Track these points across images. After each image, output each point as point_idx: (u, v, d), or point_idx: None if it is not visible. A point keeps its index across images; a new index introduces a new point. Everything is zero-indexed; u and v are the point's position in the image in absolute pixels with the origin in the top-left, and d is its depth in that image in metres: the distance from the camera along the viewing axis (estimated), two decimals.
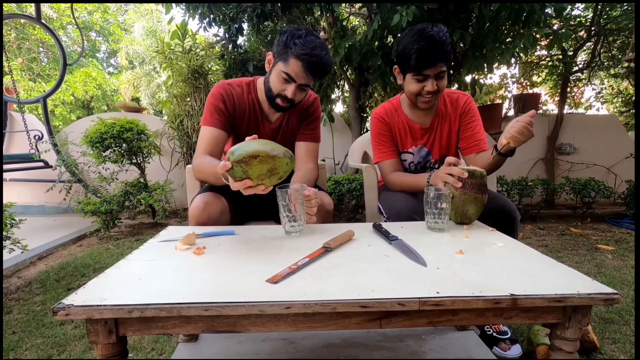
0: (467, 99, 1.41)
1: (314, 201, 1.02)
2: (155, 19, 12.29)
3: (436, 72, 1.24)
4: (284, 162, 0.87)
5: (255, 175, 0.85)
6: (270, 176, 0.87)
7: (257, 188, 0.87)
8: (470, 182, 1.02)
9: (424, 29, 1.22)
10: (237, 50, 3.39)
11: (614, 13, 3.67)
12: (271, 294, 0.62)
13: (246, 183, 0.85)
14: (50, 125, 3.64)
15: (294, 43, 1.12)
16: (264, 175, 0.86)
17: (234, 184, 0.86)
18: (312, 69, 1.14)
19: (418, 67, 1.23)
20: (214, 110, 1.24)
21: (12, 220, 1.85)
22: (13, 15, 4.12)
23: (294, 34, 1.14)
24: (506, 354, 1.22)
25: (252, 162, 0.83)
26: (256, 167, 0.84)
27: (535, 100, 3.99)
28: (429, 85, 1.26)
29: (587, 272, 1.98)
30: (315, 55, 1.12)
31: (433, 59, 1.21)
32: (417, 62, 1.22)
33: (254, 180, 0.86)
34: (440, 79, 1.26)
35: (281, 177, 0.89)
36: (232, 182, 0.86)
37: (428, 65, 1.22)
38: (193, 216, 1.14)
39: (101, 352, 0.64)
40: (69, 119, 9.99)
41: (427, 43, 1.19)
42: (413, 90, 1.30)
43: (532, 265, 0.75)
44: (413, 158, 1.46)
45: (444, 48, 1.20)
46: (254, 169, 0.84)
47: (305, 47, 1.11)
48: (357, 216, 3.11)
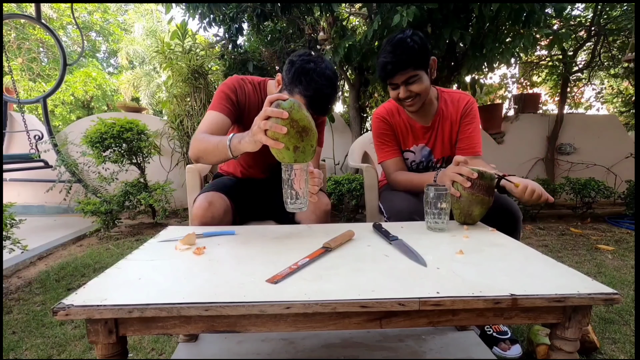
0: (468, 99, 1.40)
1: (318, 180, 1.01)
2: (155, 19, 12.30)
3: (403, 79, 1.25)
4: (313, 141, 0.89)
5: (295, 117, 0.85)
6: (297, 133, 0.86)
7: (281, 127, 0.84)
8: (479, 183, 1.01)
9: (393, 38, 1.25)
10: (237, 50, 3.39)
11: (614, 13, 3.67)
12: (271, 294, 0.62)
13: (283, 113, 0.83)
14: (50, 125, 3.64)
15: (299, 81, 1.09)
16: (297, 126, 0.85)
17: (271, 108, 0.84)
18: (315, 107, 1.12)
19: (382, 78, 1.30)
20: (225, 98, 1.23)
21: (12, 220, 1.85)
22: (13, 15, 4.12)
23: (304, 69, 1.10)
24: (506, 354, 1.22)
25: (303, 110, 0.86)
26: (302, 114, 0.86)
27: (535, 100, 4.00)
28: (401, 92, 1.28)
29: (587, 272, 1.98)
30: (319, 97, 1.10)
31: (393, 68, 1.23)
32: (380, 74, 1.29)
33: (287, 120, 0.84)
34: (411, 84, 1.26)
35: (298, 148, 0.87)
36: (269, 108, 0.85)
37: (389, 76, 1.26)
38: (197, 215, 1.14)
39: (101, 352, 0.64)
40: (69, 119, 10.00)
41: (390, 53, 1.22)
42: (393, 98, 1.34)
43: (532, 265, 0.75)
44: (415, 157, 1.46)
45: (406, 56, 1.21)
46: (299, 113, 0.85)
47: (310, 88, 1.09)
48: (357, 216, 3.11)
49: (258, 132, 0.86)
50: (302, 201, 0.96)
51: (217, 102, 1.23)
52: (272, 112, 0.84)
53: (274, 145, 0.85)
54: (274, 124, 0.83)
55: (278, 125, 0.83)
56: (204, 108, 3.34)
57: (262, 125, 0.84)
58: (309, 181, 0.98)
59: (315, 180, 1.00)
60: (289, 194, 0.94)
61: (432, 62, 1.29)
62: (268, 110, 0.84)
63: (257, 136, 0.86)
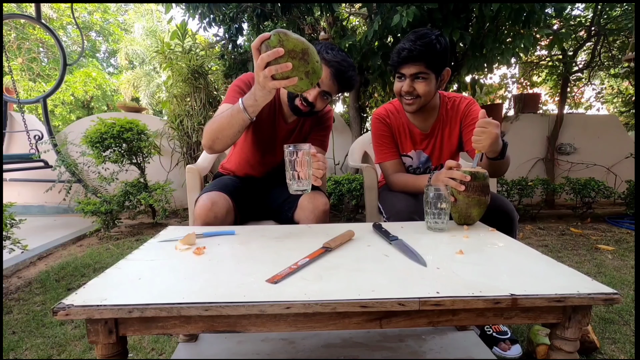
0: (467, 102, 1.38)
1: (321, 163, 1.00)
2: (155, 19, 12.31)
3: (413, 72, 1.23)
4: (315, 56, 0.87)
5: (289, 47, 0.82)
6: (301, 60, 0.84)
7: (285, 65, 0.83)
8: (474, 185, 1.01)
9: (418, 30, 1.22)
10: (237, 50, 3.39)
11: (614, 13, 3.67)
12: (271, 294, 0.62)
13: (279, 51, 0.81)
14: (50, 125, 3.64)
15: (326, 52, 1.17)
16: (297, 54, 0.83)
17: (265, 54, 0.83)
18: (339, 77, 1.17)
19: (395, 62, 1.25)
20: (239, 91, 1.24)
21: (12, 220, 1.85)
22: (13, 15, 4.12)
23: (328, 45, 1.20)
24: (506, 354, 1.22)
25: (290, 35, 0.83)
26: (293, 40, 0.83)
27: (535, 100, 3.99)
28: (405, 85, 1.26)
29: (587, 272, 1.98)
30: (343, 66, 1.17)
31: (410, 57, 1.20)
32: (393, 59, 1.25)
33: (285, 56, 0.82)
34: (418, 80, 1.25)
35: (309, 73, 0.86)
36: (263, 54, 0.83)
37: (403, 62, 1.22)
38: (199, 215, 1.13)
39: (101, 352, 0.64)
40: (69, 119, 10.00)
41: (410, 41, 1.20)
42: (395, 90, 1.32)
43: (532, 265, 0.75)
44: (412, 162, 1.46)
45: (425, 49, 1.19)
46: (290, 41, 0.83)
47: (337, 57, 1.17)
48: (357, 216, 3.11)
49: (266, 81, 0.86)
50: (305, 183, 0.96)
51: (231, 95, 1.24)
52: (268, 56, 0.83)
53: (288, 83, 0.86)
54: (277, 66, 0.83)
55: (282, 65, 0.83)
56: (204, 108, 3.34)
57: (267, 73, 0.84)
58: (312, 164, 0.98)
59: (319, 164, 1.00)
60: (292, 175, 0.95)
61: (445, 71, 1.28)
62: (264, 56, 0.84)
63: (267, 85, 0.87)
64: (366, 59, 2.74)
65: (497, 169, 1.21)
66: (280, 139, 1.34)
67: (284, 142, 1.36)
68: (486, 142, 1.06)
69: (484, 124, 1.06)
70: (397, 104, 1.44)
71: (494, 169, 1.21)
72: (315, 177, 0.99)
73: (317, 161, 0.99)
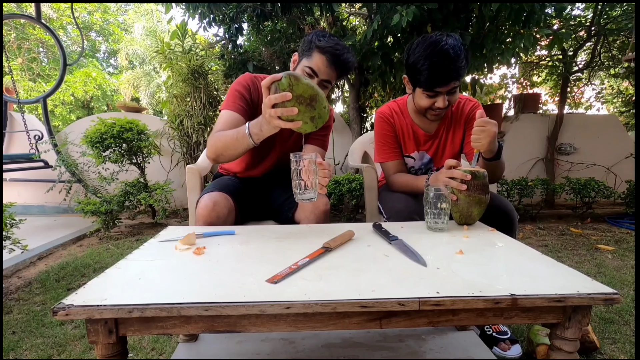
0: (473, 105, 1.37)
1: (327, 172, 1.00)
2: (155, 19, 12.31)
3: (449, 89, 1.19)
4: (324, 102, 0.89)
5: (298, 92, 0.85)
6: (308, 106, 0.87)
7: (291, 109, 0.85)
8: (474, 184, 1.01)
9: (438, 42, 1.14)
10: (237, 50, 3.39)
11: (614, 13, 3.66)
12: (271, 294, 0.62)
13: (286, 95, 0.84)
14: (50, 125, 3.64)
15: (318, 40, 1.17)
16: (304, 100, 0.86)
17: (273, 96, 0.85)
18: (335, 61, 1.17)
19: (429, 85, 1.19)
20: (238, 96, 1.24)
21: (12, 220, 1.85)
22: (13, 15, 4.12)
23: (319, 33, 1.20)
24: (506, 354, 1.22)
25: (302, 80, 0.85)
26: (303, 86, 0.85)
27: (535, 100, 3.99)
28: (440, 101, 1.21)
29: (587, 272, 1.98)
30: (338, 49, 1.16)
31: (445, 77, 1.16)
32: (429, 81, 1.18)
33: (293, 100, 0.85)
34: (452, 94, 1.22)
35: (314, 118, 0.88)
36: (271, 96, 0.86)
37: (440, 84, 1.17)
38: (202, 215, 1.13)
39: (101, 352, 0.64)
40: (69, 119, 10.00)
41: (440, 60, 1.13)
42: (423, 105, 1.26)
43: (532, 265, 0.75)
44: (414, 163, 1.45)
45: (457, 65, 1.14)
46: (300, 86, 0.85)
47: (330, 42, 1.16)
48: (357, 216, 3.11)
49: (272, 119, 0.87)
50: (312, 192, 0.96)
51: (230, 100, 1.23)
52: (275, 98, 0.85)
53: (293, 126, 0.88)
54: (283, 110, 0.85)
55: (288, 109, 0.85)
56: (204, 108, 3.34)
57: (273, 114, 0.86)
58: (319, 172, 0.98)
59: (325, 172, 1.00)
60: (298, 184, 0.95)
61: None
62: (272, 98, 0.86)
63: (273, 123, 0.89)
64: (366, 59, 2.74)
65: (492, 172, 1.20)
66: (280, 139, 1.33)
67: (283, 143, 1.36)
68: (485, 140, 1.06)
69: (483, 123, 1.06)
70: (401, 104, 1.43)
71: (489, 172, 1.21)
72: (321, 185, 0.99)
73: (323, 169, 0.99)
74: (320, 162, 0.99)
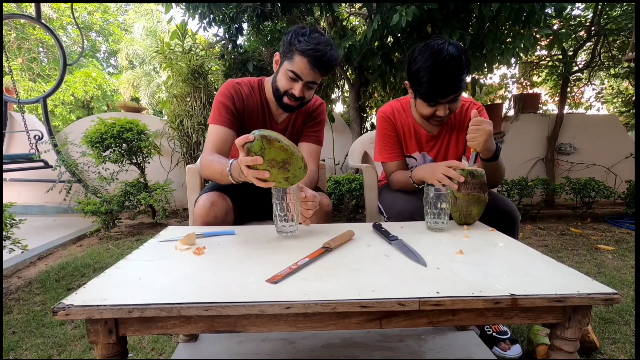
0: (477, 107, 1.35)
1: (311, 204, 0.99)
2: (155, 19, 12.30)
3: (451, 98, 1.18)
4: (299, 163, 0.88)
5: (270, 156, 0.84)
6: (281, 169, 0.86)
7: (263, 173, 0.84)
8: (472, 182, 1.01)
9: (440, 52, 1.11)
10: (237, 50, 3.39)
11: (614, 13, 3.66)
12: (271, 294, 0.62)
13: (257, 160, 0.83)
14: (50, 125, 3.64)
15: (298, 40, 1.12)
16: (277, 164, 0.85)
17: (245, 158, 0.84)
18: (317, 64, 1.13)
19: (429, 97, 1.18)
20: (223, 108, 1.24)
21: (12, 220, 1.85)
22: (13, 15, 4.12)
23: (298, 32, 1.15)
24: (506, 354, 1.22)
25: (274, 143, 0.84)
26: (275, 150, 0.84)
27: (535, 100, 3.99)
28: (441, 110, 1.20)
29: (587, 272, 1.98)
30: (319, 50, 1.12)
31: (445, 90, 1.14)
32: (429, 93, 1.17)
33: (265, 163, 0.84)
34: (454, 102, 1.20)
35: (289, 178, 0.88)
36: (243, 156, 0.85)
37: (440, 96, 1.16)
38: (199, 215, 1.14)
39: (101, 352, 0.64)
40: (69, 119, 10.00)
41: (441, 72, 1.12)
42: (425, 114, 1.25)
43: (532, 265, 0.75)
44: (416, 163, 1.44)
45: (458, 77, 1.13)
46: (272, 150, 0.84)
47: (309, 43, 1.11)
48: (357, 216, 3.11)
49: (248, 176, 0.87)
50: (293, 224, 0.96)
51: (216, 114, 1.24)
52: (247, 162, 0.84)
53: (265, 186, 0.87)
54: (255, 172, 0.85)
55: (260, 172, 0.84)
56: (204, 108, 3.34)
57: (246, 173, 0.86)
58: (301, 205, 0.98)
59: (308, 204, 0.98)
60: (278, 217, 0.95)
61: None
62: (243, 160, 0.84)
63: (249, 179, 0.88)
64: (366, 59, 2.74)
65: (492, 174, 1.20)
66: None
67: None
68: (481, 139, 1.06)
69: (477, 122, 1.06)
70: (405, 103, 1.42)
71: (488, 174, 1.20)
72: (304, 217, 0.99)
73: (307, 202, 0.99)
74: (303, 197, 0.98)
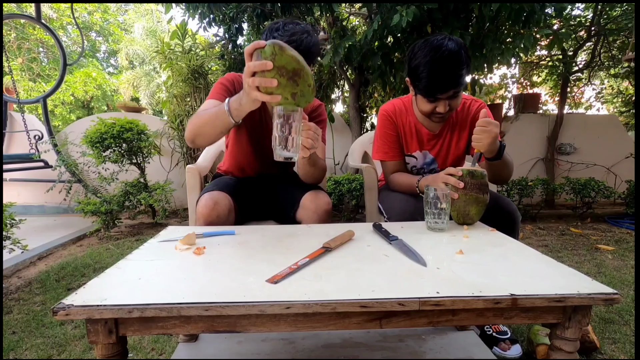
0: (479, 105, 1.36)
1: (312, 132, 0.94)
2: (155, 19, 12.30)
3: (450, 94, 1.18)
4: (309, 80, 0.82)
5: (280, 63, 0.78)
6: (290, 80, 0.79)
7: (270, 81, 0.78)
8: (472, 182, 1.01)
9: (438, 48, 1.11)
10: (237, 50, 3.39)
11: (614, 13, 3.67)
12: (271, 294, 0.62)
13: (267, 64, 0.77)
14: (50, 125, 3.64)
15: (272, 37, 1.11)
16: (287, 73, 0.79)
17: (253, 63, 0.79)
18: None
19: (428, 92, 1.18)
20: (223, 89, 1.22)
21: (12, 220, 1.85)
22: (13, 15, 4.12)
23: (272, 27, 1.14)
24: (506, 354, 1.22)
25: (287, 51, 0.79)
26: (287, 57, 0.79)
27: (535, 100, 3.99)
28: (441, 107, 1.20)
29: (587, 272, 1.98)
30: (294, 41, 1.09)
31: (444, 85, 1.14)
32: (428, 88, 1.17)
33: (274, 70, 0.77)
34: (454, 98, 1.20)
35: (296, 95, 0.81)
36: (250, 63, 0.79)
37: (439, 92, 1.16)
38: (202, 214, 1.13)
39: (101, 352, 0.64)
40: (69, 119, 10.00)
41: (440, 68, 1.12)
42: (425, 110, 1.25)
43: (532, 265, 0.75)
44: (417, 162, 1.44)
45: (457, 73, 1.12)
46: (283, 57, 0.78)
47: (284, 37, 1.10)
48: (357, 216, 3.11)
49: (250, 91, 0.82)
50: (292, 150, 0.87)
51: (215, 91, 1.23)
52: (254, 66, 0.78)
53: (270, 100, 0.81)
54: (262, 80, 0.78)
55: (267, 80, 0.78)
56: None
57: (251, 83, 0.80)
58: (303, 132, 0.92)
59: (309, 133, 0.94)
60: (279, 139, 0.86)
61: None
62: (250, 65, 0.79)
63: (251, 95, 0.83)
64: (366, 59, 2.74)
65: (497, 172, 1.20)
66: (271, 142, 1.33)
67: None
68: (486, 141, 1.06)
69: (485, 123, 1.05)
70: (407, 101, 1.41)
71: (494, 172, 1.20)
72: (303, 146, 0.94)
73: (308, 129, 0.93)
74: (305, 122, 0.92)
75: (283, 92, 0.80)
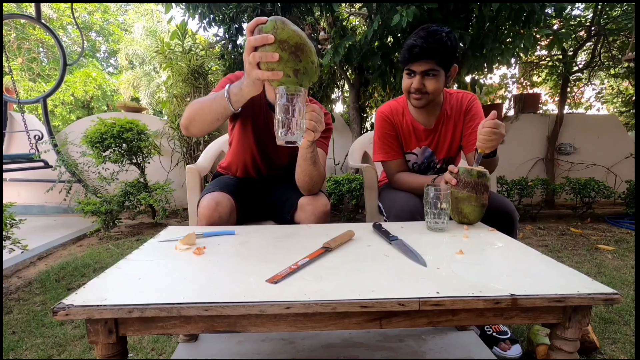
0: (470, 97, 1.40)
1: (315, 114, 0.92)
2: (155, 19, 12.31)
3: (424, 69, 1.23)
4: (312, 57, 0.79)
5: (282, 36, 0.75)
6: (292, 54, 0.76)
7: (272, 55, 0.75)
8: (465, 180, 1.02)
9: (428, 27, 1.22)
10: (237, 50, 3.39)
11: (614, 13, 3.67)
12: (271, 294, 0.62)
13: (268, 38, 0.74)
14: (50, 125, 3.64)
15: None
16: (289, 47, 0.75)
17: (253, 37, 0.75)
18: None
19: (405, 60, 1.25)
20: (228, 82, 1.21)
21: (12, 220, 1.85)
22: (13, 15, 4.12)
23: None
24: (506, 354, 1.22)
25: (289, 26, 0.76)
26: (289, 31, 0.76)
27: (535, 100, 3.99)
28: (415, 82, 1.26)
29: (587, 272, 1.98)
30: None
31: (420, 53, 1.20)
32: (405, 55, 1.24)
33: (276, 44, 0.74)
34: (429, 77, 1.25)
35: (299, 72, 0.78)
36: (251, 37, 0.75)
37: (414, 59, 1.22)
38: (204, 215, 1.13)
39: (101, 352, 0.64)
40: (69, 119, 10.00)
41: (421, 38, 1.20)
42: (404, 87, 1.32)
43: (532, 265, 0.75)
44: (417, 159, 1.46)
45: (437, 46, 1.19)
46: (285, 31, 0.75)
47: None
48: (357, 216, 3.11)
49: (251, 69, 0.78)
50: (296, 134, 0.83)
51: (221, 85, 1.22)
52: (255, 40, 0.75)
53: (272, 76, 0.77)
54: (263, 54, 0.75)
55: (268, 54, 0.75)
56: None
57: (252, 59, 0.77)
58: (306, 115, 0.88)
59: (312, 115, 0.91)
60: (282, 122, 0.82)
61: (453, 68, 1.29)
62: (251, 39, 0.75)
63: (252, 74, 0.79)
64: (366, 59, 2.74)
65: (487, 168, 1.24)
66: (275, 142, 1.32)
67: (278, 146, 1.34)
68: (495, 143, 1.07)
69: (495, 125, 1.06)
70: (402, 102, 1.44)
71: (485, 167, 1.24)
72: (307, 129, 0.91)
73: (312, 111, 0.91)
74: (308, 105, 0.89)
75: (285, 67, 0.77)
